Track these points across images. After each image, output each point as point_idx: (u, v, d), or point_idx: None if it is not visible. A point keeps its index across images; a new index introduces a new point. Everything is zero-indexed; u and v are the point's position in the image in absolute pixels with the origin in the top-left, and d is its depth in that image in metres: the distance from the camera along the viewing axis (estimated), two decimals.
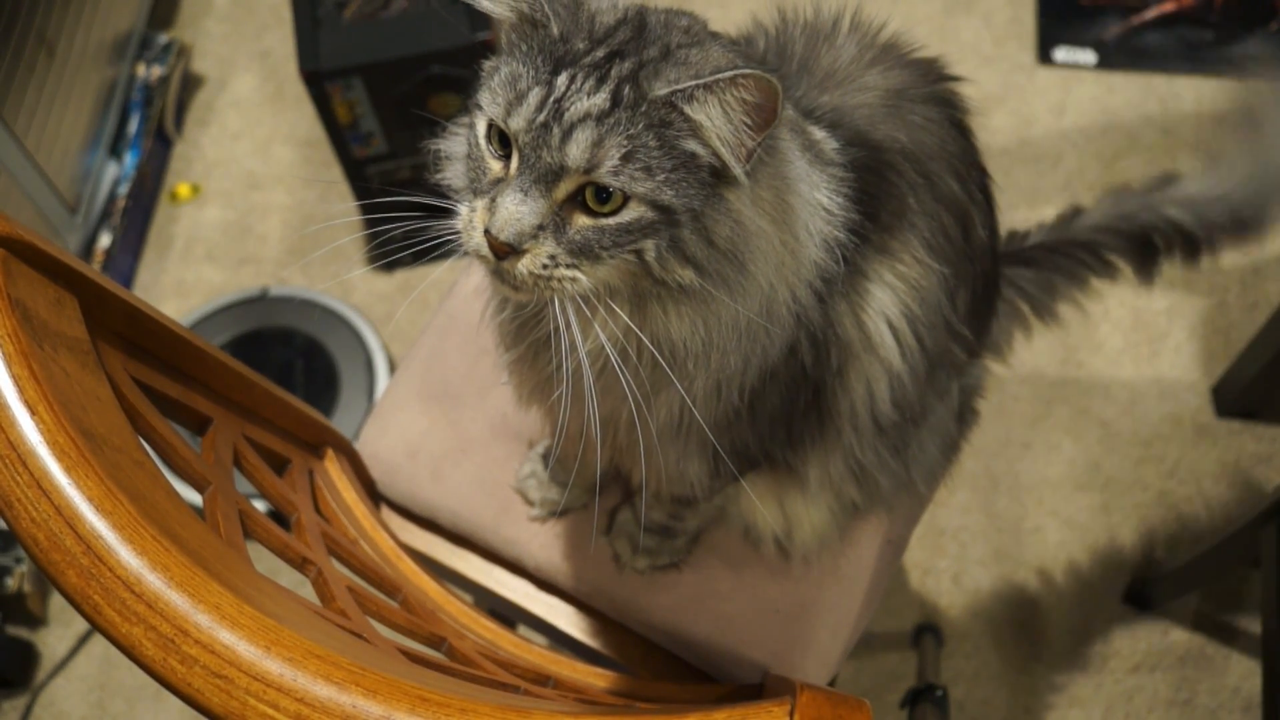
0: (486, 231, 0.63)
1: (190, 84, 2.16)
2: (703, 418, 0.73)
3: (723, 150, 0.61)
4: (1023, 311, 1.05)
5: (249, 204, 2.03)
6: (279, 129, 2.11)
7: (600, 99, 0.61)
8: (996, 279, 0.91)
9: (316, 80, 1.57)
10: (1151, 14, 2.07)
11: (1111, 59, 2.04)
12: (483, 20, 1.58)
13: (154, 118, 2.00)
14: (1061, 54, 2.05)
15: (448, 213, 0.67)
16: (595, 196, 0.62)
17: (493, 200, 0.63)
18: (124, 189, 1.91)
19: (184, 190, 2.03)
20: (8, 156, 1.62)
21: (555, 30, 0.63)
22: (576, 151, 0.60)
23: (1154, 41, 2.05)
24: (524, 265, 0.63)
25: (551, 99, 0.61)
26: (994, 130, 1.98)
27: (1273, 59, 1.05)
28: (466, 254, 0.66)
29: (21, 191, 1.67)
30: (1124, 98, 2.01)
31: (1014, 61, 2.06)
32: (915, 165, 0.77)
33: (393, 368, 1.79)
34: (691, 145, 0.61)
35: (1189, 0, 2.07)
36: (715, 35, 0.69)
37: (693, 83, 0.59)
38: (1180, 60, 2.03)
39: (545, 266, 0.63)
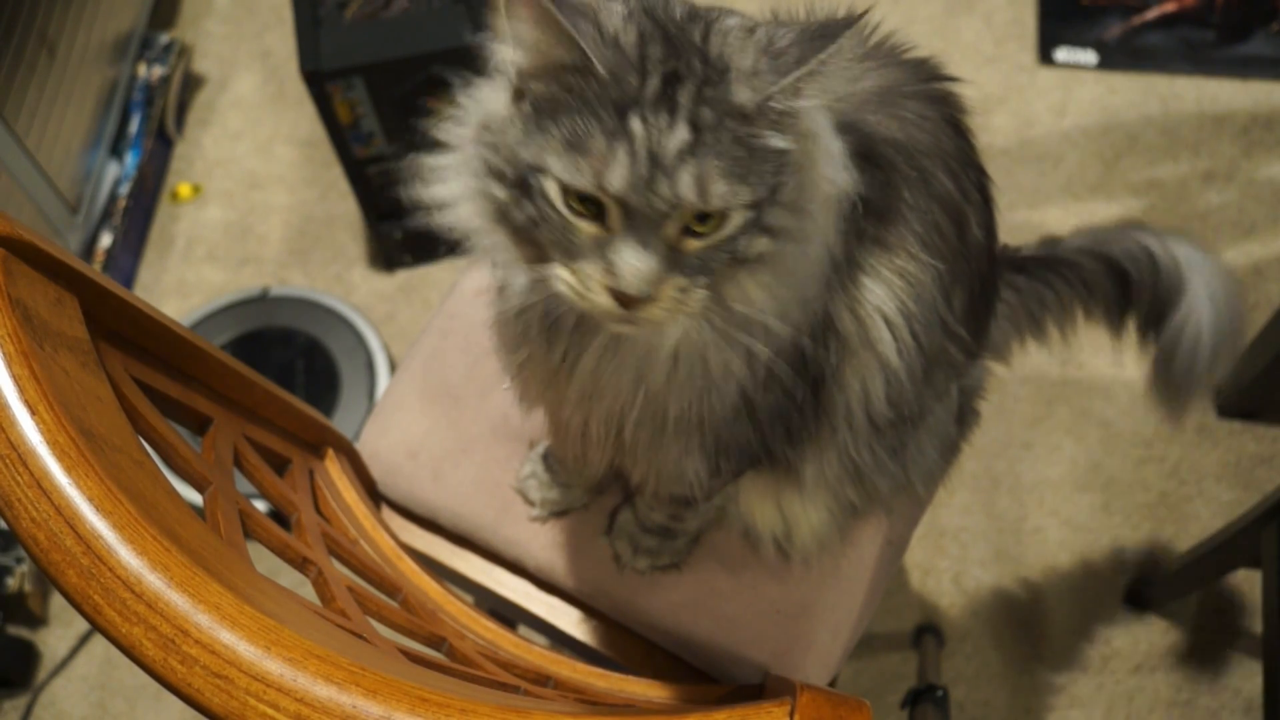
0: (614, 291, 0.62)
1: (191, 84, 2.16)
2: (726, 404, 0.74)
3: (819, 120, 0.62)
4: (1019, 317, 1.06)
5: (250, 204, 2.03)
6: (280, 129, 2.11)
7: (683, 133, 0.59)
8: (994, 281, 0.91)
9: (317, 80, 1.57)
10: (1153, 14, 2.07)
11: (1112, 59, 2.04)
12: (483, 21, 1.58)
13: (155, 118, 2.00)
14: (1062, 54, 2.05)
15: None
16: (697, 219, 0.61)
17: (607, 259, 0.61)
18: (125, 189, 1.92)
19: (185, 190, 2.03)
20: (9, 156, 1.62)
21: (602, 72, 0.60)
22: (685, 192, 0.59)
23: (1155, 42, 2.05)
24: (659, 308, 0.62)
25: (641, 149, 0.59)
26: (995, 131, 1.98)
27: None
28: (557, 296, 0.65)
29: (22, 191, 1.67)
30: (1125, 98, 2.01)
31: (1015, 62, 2.06)
32: (907, 159, 0.76)
33: (393, 368, 1.79)
34: (777, 141, 0.61)
35: (1190, 0, 2.07)
36: (714, 14, 0.66)
37: (789, 78, 0.59)
38: (1181, 61, 2.03)
39: (678, 301, 0.62)
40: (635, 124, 0.59)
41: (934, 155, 0.78)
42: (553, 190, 0.61)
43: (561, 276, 0.63)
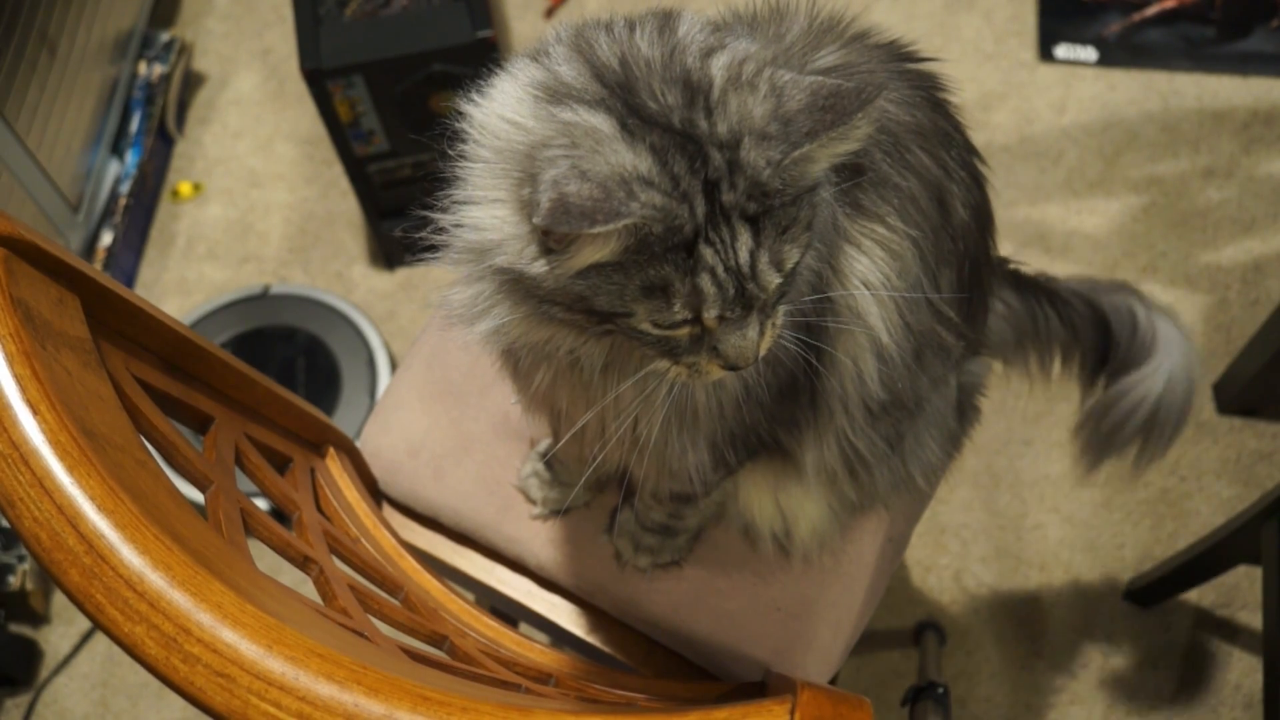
0: (728, 366, 0.65)
1: (192, 82, 2.16)
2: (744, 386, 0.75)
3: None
4: (1019, 325, 1.06)
5: (250, 202, 2.03)
6: (280, 127, 2.11)
7: (746, 236, 0.60)
8: (987, 266, 0.89)
9: (318, 78, 1.57)
10: (1152, 11, 2.07)
11: (1112, 56, 2.04)
12: (484, 18, 1.58)
13: (155, 116, 2.00)
14: (1062, 51, 2.05)
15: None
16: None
17: (713, 349, 0.64)
18: (126, 187, 1.92)
19: (185, 188, 2.04)
20: (10, 155, 1.62)
21: (660, 230, 0.59)
22: (769, 281, 0.62)
23: (1155, 38, 2.05)
24: (764, 347, 0.66)
25: (721, 271, 0.60)
26: (995, 128, 1.98)
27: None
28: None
29: (24, 190, 1.67)
30: (1125, 94, 2.00)
31: (1015, 59, 2.06)
32: (879, 126, 0.74)
33: (394, 366, 1.79)
34: (812, 178, 0.62)
35: None
36: (700, 74, 0.63)
37: (807, 147, 0.59)
38: (1181, 57, 2.03)
39: (775, 331, 0.66)
40: (707, 252, 0.60)
41: (909, 130, 0.77)
42: (643, 325, 0.63)
43: (671, 371, 0.66)
